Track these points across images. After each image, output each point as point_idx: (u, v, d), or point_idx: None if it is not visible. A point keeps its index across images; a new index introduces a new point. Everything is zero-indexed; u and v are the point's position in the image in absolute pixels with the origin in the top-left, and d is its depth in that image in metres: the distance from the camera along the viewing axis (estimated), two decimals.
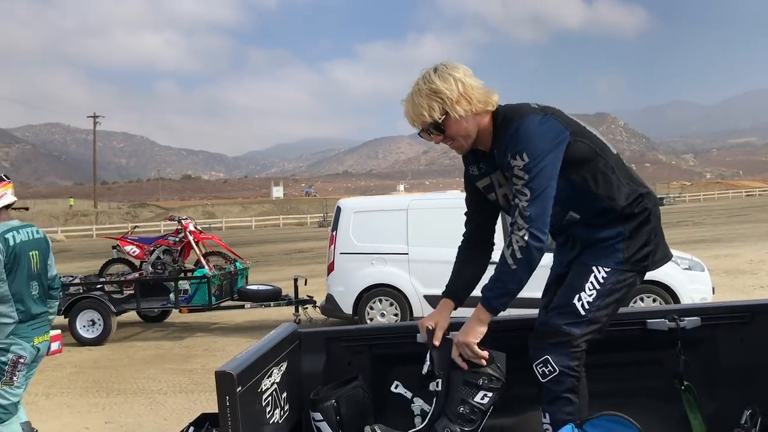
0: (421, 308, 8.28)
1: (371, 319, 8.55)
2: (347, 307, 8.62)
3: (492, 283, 2.20)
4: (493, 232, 2.54)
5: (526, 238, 2.11)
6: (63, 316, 9.12)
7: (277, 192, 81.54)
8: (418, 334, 2.54)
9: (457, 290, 2.44)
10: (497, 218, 2.53)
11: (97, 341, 8.97)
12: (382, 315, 8.54)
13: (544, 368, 2.19)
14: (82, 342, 8.96)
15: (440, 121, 2.19)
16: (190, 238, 10.09)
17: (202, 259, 10.04)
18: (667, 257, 2.36)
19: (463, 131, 2.23)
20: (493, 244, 2.53)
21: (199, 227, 10.76)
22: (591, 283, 2.23)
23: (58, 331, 8.65)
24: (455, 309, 2.44)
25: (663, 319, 2.47)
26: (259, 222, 54.86)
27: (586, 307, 2.20)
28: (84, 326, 9.04)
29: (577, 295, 2.22)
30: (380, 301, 8.55)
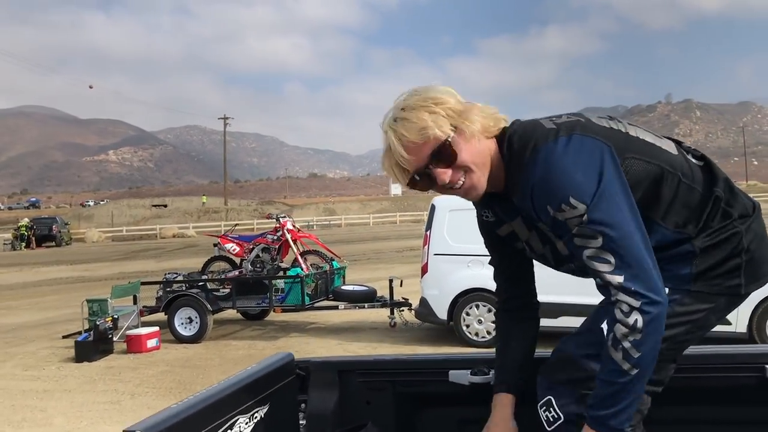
0: None
1: (467, 326, 7.96)
2: (441, 312, 8.09)
3: (602, 399, 1.45)
4: (533, 282, 1.83)
5: (639, 324, 1.38)
6: (163, 313, 9.29)
7: (396, 189, 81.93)
8: (450, 372, 2.00)
9: (511, 377, 1.76)
10: (533, 263, 1.81)
11: (194, 339, 9.01)
12: (480, 322, 7.93)
13: (547, 413, 1.56)
14: (180, 339, 9.04)
15: (450, 139, 1.47)
16: (288, 236, 9.97)
17: (299, 258, 9.88)
18: None
19: (479, 156, 1.51)
20: (537, 300, 1.83)
21: (297, 225, 10.63)
22: None
23: (156, 328, 8.95)
24: (516, 403, 1.76)
25: None
26: (376, 219, 55.30)
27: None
28: (182, 324, 9.11)
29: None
30: (477, 306, 7.93)
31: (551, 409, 1.54)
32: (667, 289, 1.49)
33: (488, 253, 1.84)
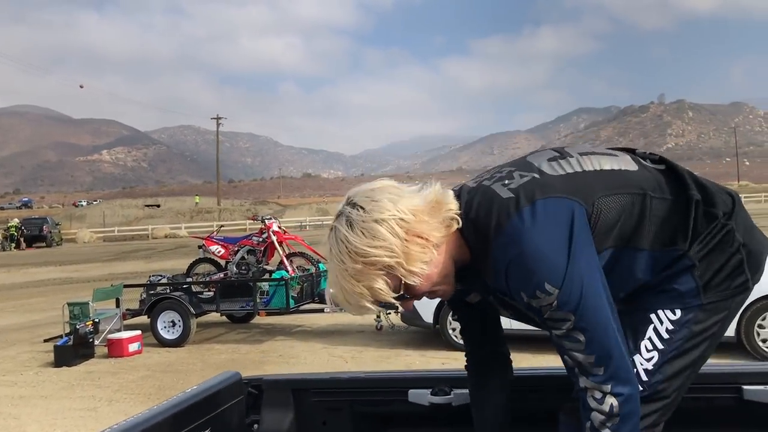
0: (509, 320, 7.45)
1: (453, 329, 7.84)
2: (427, 316, 7.96)
3: None
4: (501, 332, 1.74)
5: (615, 409, 1.31)
6: (146, 316, 9.15)
7: None
8: (410, 391, 1.88)
9: None
10: (500, 317, 1.72)
11: (177, 343, 8.86)
12: None
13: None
14: (162, 343, 8.89)
15: (396, 296, 1.38)
16: (273, 238, 9.84)
17: (285, 260, 9.74)
18: None
19: (437, 276, 1.40)
20: (505, 349, 1.73)
21: (282, 227, 10.49)
22: (650, 339, 1.44)
23: (138, 332, 8.80)
24: None
25: (766, 387, 1.65)
26: None
27: (643, 377, 1.42)
28: (165, 327, 8.96)
29: (630, 358, 1.41)
30: None
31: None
32: (678, 311, 1.43)
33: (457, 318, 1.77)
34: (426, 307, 7.96)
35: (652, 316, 1.44)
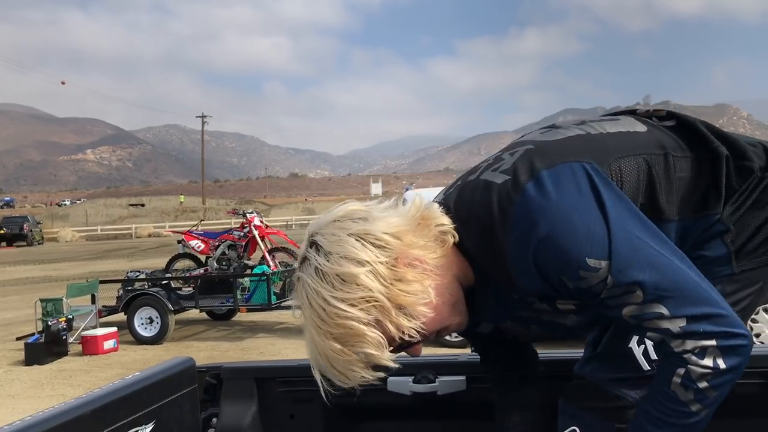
0: None
1: None
2: None
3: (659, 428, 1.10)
4: (535, 362, 1.51)
5: (720, 364, 1.03)
6: (123, 313, 8.86)
7: (376, 189, 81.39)
8: (389, 379, 1.64)
9: None
10: None
11: (155, 340, 8.57)
12: None
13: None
14: (139, 341, 8.60)
15: (395, 345, 1.10)
16: (255, 233, 9.58)
17: (266, 255, 9.48)
18: None
19: (445, 309, 1.13)
20: (532, 350, 1.50)
21: (265, 222, 10.23)
22: None
23: (114, 329, 8.49)
24: None
25: None
26: None
27: (653, 355, 1.20)
28: (142, 324, 8.67)
29: (638, 336, 1.21)
30: None
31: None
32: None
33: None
34: None
35: None
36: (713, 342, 1.03)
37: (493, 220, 1.09)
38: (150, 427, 1.41)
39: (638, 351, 1.22)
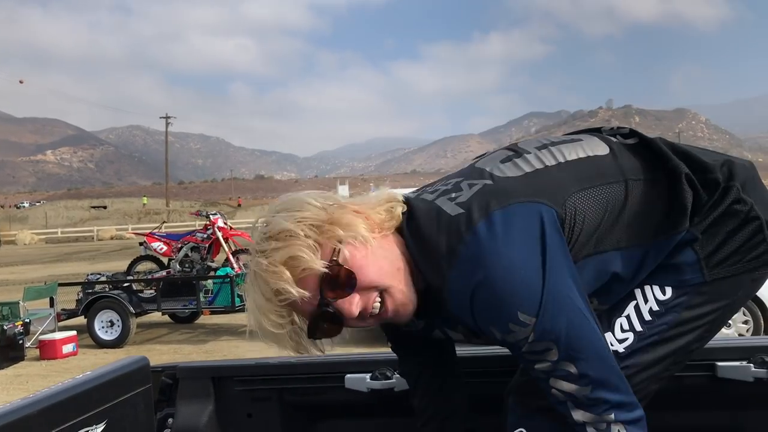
0: None
1: None
2: None
3: None
4: (454, 357, 1.48)
5: None
6: (83, 317, 8.68)
7: (343, 191, 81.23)
8: (346, 376, 1.64)
9: None
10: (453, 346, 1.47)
11: (116, 344, 8.41)
12: None
13: None
14: (100, 344, 8.44)
15: (334, 261, 1.09)
16: (219, 234, 9.48)
17: (230, 257, 9.40)
18: None
19: (388, 263, 1.13)
20: (458, 375, 1.47)
21: (229, 223, 10.13)
22: (627, 318, 1.21)
23: (73, 333, 8.32)
24: None
25: (742, 362, 1.48)
26: None
27: (619, 349, 1.19)
28: (102, 327, 8.51)
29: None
30: None
31: None
32: (669, 290, 1.19)
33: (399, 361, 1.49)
34: None
35: (637, 292, 1.21)
36: (612, 416, 1.09)
37: (440, 251, 1.10)
38: (101, 427, 1.39)
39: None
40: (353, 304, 1.11)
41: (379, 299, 1.14)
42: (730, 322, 4.60)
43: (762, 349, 1.51)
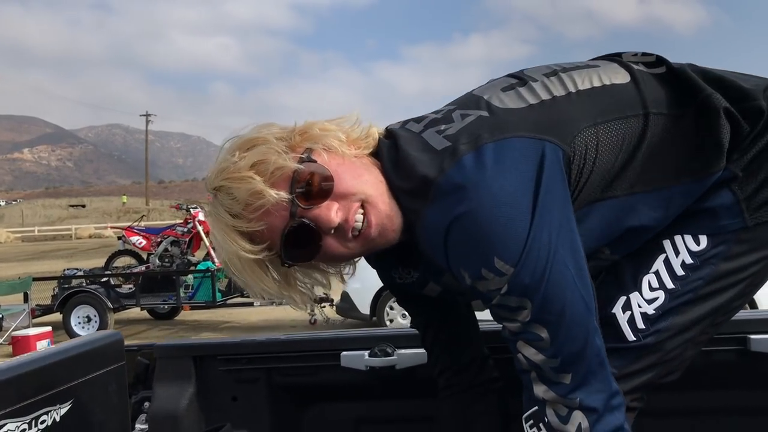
0: None
1: (391, 321, 7.52)
2: (364, 307, 7.61)
3: None
4: (478, 336, 1.31)
5: (583, 428, 0.94)
6: (58, 312, 8.44)
7: None
8: (342, 353, 1.49)
9: None
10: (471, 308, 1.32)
11: None
12: (404, 316, 7.47)
13: (535, 427, 1.01)
14: None
15: (308, 158, 0.99)
16: (199, 228, 9.27)
17: (211, 251, 9.17)
18: None
19: (366, 172, 1.02)
20: (488, 357, 1.31)
21: None
22: (656, 274, 1.04)
23: (48, 329, 8.06)
24: None
25: None
26: None
27: (639, 324, 1.04)
28: (79, 323, 8.31)
29: (625, 296, 1.06)
30: None
31: (542, 422, 0.99)
32: (704, 240, 1.02)
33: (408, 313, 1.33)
34: (362, 298, 7.62)
35: (666, 243, 1.05)
36: (577, 401, 0.94)
37: (419, 180, 0.96)
38: (66, 407, 1.23)
39: (623, 318, 1.06)
40: (332, 210, 0.97)
41: (362, 211, 0.99)
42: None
43: None
